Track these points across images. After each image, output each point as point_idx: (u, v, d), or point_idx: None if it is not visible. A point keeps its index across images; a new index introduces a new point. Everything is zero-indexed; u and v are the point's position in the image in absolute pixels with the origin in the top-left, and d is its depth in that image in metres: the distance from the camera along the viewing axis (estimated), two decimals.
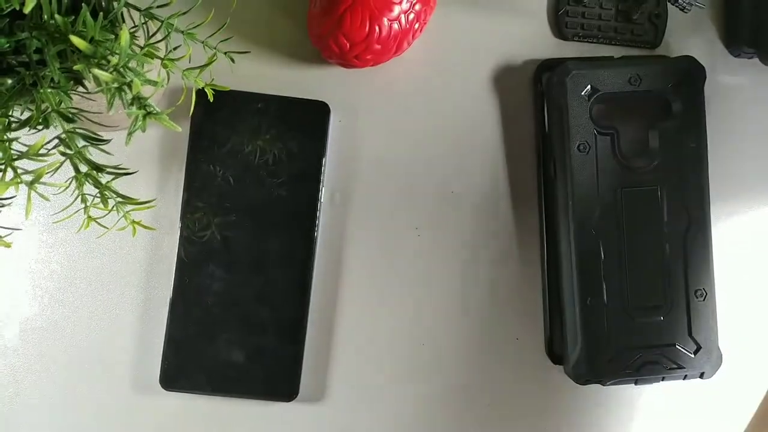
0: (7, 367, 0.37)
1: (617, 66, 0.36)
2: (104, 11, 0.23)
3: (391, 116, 0.38)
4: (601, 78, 0.35)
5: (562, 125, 0.35)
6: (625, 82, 0.35)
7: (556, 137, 0.36)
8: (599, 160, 0.35)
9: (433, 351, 0.37)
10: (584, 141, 0.35)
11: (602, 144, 0.35)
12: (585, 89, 0.35)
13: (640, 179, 0.35)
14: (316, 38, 0.35)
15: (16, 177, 0.23)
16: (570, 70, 0.35)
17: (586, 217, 0.34)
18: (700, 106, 0.36)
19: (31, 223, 0.37)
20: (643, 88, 0.35)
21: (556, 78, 0.36)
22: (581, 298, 0.34)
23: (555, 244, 0.36)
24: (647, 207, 0.35)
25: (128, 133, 0.24)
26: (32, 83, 0.23)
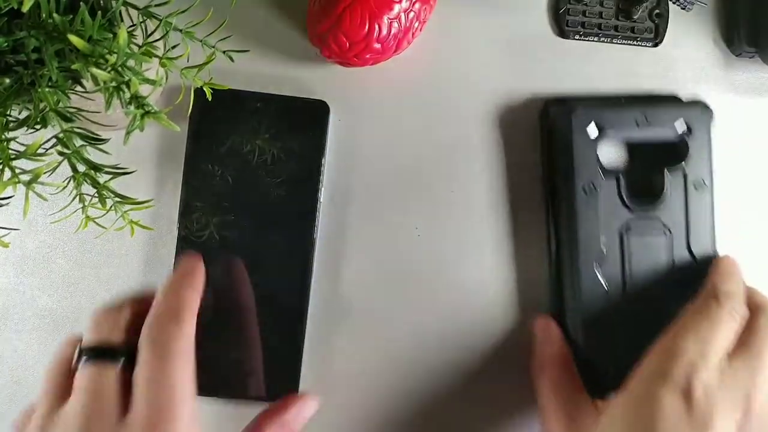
0: (7, 367, 0.37)
1: (624, 106, 0.35)
2: (102, 10, 0.23)
3: (390, 115, 0.38)
4: (608, 118, 0.35)
5: (567, 165, 0.34)
6: (632, 122, 0.35)
7: (560, 177, 0.35)
8: (604, 201, 0.34)
9: (435, 350, 0.37)
10: (589, 182, 0.34)
11: (607, 185, 0.34)
12: (590, 129, 0.34)
13: (646, 222, 0.34)
14: (315, 37, 0.34)
15: (14, 177, 0.23)
16: (575, 109, 0.35)
17: (589, 260, 0.34)
18: (708, 149, 0.35)
19: (29, 223, 0.37)
20: (650, 130, 0.35)
21: (561, 116, 0.35)
22: (586, 339, 0.34)
23: (560, 282, 0.36)
24: (653, 251, 0.34)
25: (126, 132, 0.24)
26: (30, 82, 0.23)
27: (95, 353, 0.28)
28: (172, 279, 0.31)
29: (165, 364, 0.27)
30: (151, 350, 0.27)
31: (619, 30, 0.38)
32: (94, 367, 0.27)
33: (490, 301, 0.37)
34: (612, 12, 0.38)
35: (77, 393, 0.27)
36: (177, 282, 0.30)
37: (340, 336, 0.37)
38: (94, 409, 0.26)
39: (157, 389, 0.26)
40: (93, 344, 0.28)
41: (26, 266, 0.37)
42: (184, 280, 0.31)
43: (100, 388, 0.26)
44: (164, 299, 0.29)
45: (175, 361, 0.27)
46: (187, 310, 0.29)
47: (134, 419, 0.26)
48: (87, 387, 0.27)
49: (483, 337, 0.37)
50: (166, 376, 0.26)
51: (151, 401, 0.26)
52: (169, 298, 0.29)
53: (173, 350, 0.27)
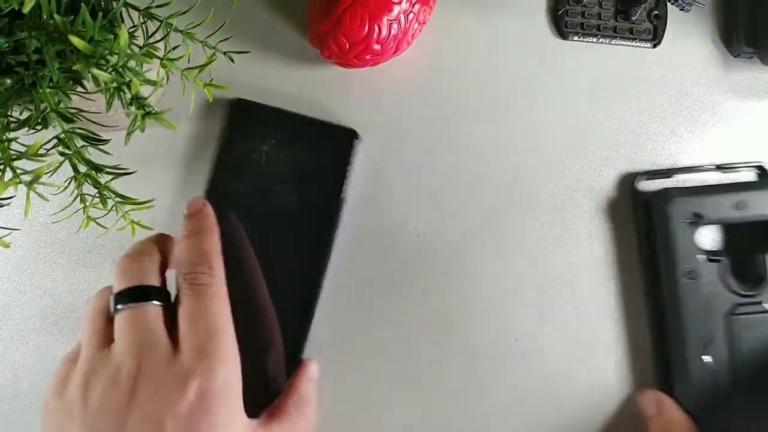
0: (7, 367, 0.37)
1: (721, 192, 0.35)
2: (103, 11, 0.23)
3: (390, 116, 0.38)
4: (705, 204, 0.35)
5: (668, 252, 0.35)
6: (730, 207, 0.35)
7: (662, 263, 0.35)
8: (707, 287, 0.34)
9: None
10: (692, 268, 0.34)
11: (709, 271, 0.34)
12: (688, 216, 0.34)
13: (751, 306, 0.34)
14: (315, 38, 0.35)
15: (15, 177, 0.23)
16: (671, 197, 0.35)
17: (697, 345, 0.34)
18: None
19: (30, 223, 0.37)
20: (751, 214, 0.35)
21: (657, 204, 0.35)
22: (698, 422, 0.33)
23: (667, 365, 0.35)
24: (760, 331, 0.34)
25: (127, 133, 0.24)
26: (31, 83, 0.23)
27: (131, 297, 0.28)
28: (187, 224, 0.31)
29: (206, 302, 0.28)
30: (190, 291, 0.28)
31: (618, 31, 0.38)
32: (133, 309, 0.28)
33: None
34: (611, 13, 0.39)
35: (122, 333, 0.27)
36: (191, 227, 0.31)
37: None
38: (143, 345, 0.27)
39: (203, 320, 0.27)
40: (126, 288, 0.28)
41: (27, 266, 0.37)
42: (200, 224, 0.31)
43: (145, 324, 0.27)
44: (188, 246, 0.30)
45: (215, 298, 0.28)
46: (214, 253, 0.30)
47: (184, 346, 0.27)
48: (131, 326, 0.27)
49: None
50: (210, 310, 0.28)
51: (199, 331, 0.27)
52: (194, 245, 0.30)
53: (210, 290, 0.28)
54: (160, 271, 0.30)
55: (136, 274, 0.28)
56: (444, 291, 0.37)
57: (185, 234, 0.31)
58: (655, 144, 0.38)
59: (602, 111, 0.38)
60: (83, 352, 0.28)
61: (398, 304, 0.37)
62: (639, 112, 0.38)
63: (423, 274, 0.37)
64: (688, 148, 0.38)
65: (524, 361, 0.36)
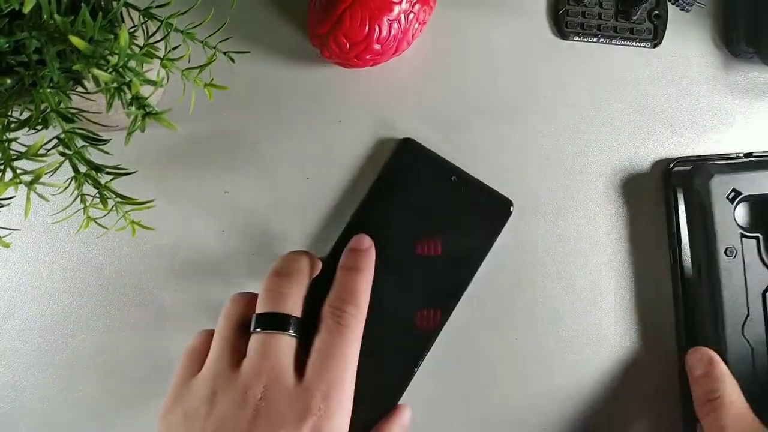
0: (7, 367, 0.37)
1: (759, 168, 0.35)
2: (103, 11, 0.23)
3: (390, 116, 0.38)
4: (745, 180, 0.35)
5: (707, 229, 0.35)
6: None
7: (699, 241, 0.35)
8: (746, 264, 0.34)
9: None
10: (731, 245, 0.34)
11: (748, 247, 0.34)
12: (729, 192, 0.35)
13: None
14: (315, 38, 0.35)
15: (16, 177, 0.23)
16: (712, 174, 0.35)
17: (737, 322, 0.34)
18: None
19: (30, 224, 0.37)
20: None
21: (697, 181, 0.35)
22: None
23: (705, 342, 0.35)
24: None
25: (127, 133, 0.24)
26: (31, 83, 0.23)
27: (270, 322, 0.29)
28: (349, 258, 0.33)
29: (342, 342, 0.29)
30: (332, 327, 0.29)
31: (618, 31, 0.38)
32: (270, 335, 0.29)
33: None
34: (611, 13, 0.39)
35: (255, 357, 0.28)
36: (353, 262, 0.32)
37: None
38: (274, 374, 0.28)
39: (334, 362, 0.29)
40: (269, 312, 0.29)
41: (27, 266, 0.37)
42: (361, 262, 0.32)
43: (278, 353, 0.28)
44: (345, 279, 0.31)
45: (351, 340, 0.29)
46: (364, 294, 0.31)
47: (310, 385, 0.28)
48: (265, 351, 0.28)
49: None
50: (342, 354, 0.29)
51: (328, 372, 0.28)
52: (350, 279, 0.31)
53: (350, 331, 0.30)
54: (305, 291, 0.31)
55: (280, 300, 0.30)
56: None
57: (343, 265, 0.32)
58: (656, 144, 0.38)
59: (602, 111, 0.38)
60: (213, 366, 0.29)
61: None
62: (639, 112, 0.38)
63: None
64: (688, 148, 0.38)
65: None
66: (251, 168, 0.37)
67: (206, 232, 0.37)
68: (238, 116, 0.38)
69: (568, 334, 0.37)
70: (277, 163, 0.37)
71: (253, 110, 0.38)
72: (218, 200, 0.37)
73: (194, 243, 0.37)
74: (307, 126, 0.38)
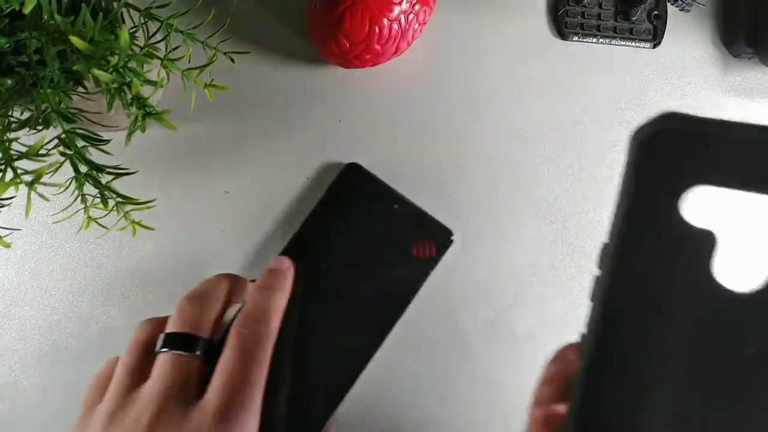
0: (7, 367, 0.37)
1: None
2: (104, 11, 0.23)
3: (390, 116, 0.38)
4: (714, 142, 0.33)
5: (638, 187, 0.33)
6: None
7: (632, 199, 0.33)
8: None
9: None
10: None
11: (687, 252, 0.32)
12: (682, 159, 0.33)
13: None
14: (316, 38, 0.35)
15: (16, 177, 0.23)
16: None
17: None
18: None
19: (31, 224, 0.37)
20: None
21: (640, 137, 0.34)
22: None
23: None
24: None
25: (128, 133, 0.24)
26: (32, 83, 0.23)
27: (177, 342, 0.29)
28: (265, 279, 0.32)
29: (247, 362, 0.28)
30: (237, 347, 0.29)
31: (618, 31, 0.38)
32: (177, 355, 0.28)
33: None
34: (610, 13, 0.39)
35: (157, 377, 0.28)
36: (269, 283, 0.32)
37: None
38: (171, 394, 0.27)
39: (236, 383, 0.28)
40: (178, 332, 0.29)
41: (27, 266, 0.37)
42: (277, 282, 0.32)
43: (180, 375, 0.28)
44: (257, 299, 0.31)
45: (257, 360, 0.29)
46: (276, 312, 0.31)
47: (207, 404, 0.27)
48: (168, 373, 0.28)
49: None
50: (246, 373, 0.28)
51: (227, 393, 0.27)
52: (261, 299, 0.31)
53: (257, 351, 0.29)
54: (218, 317, 0.30)
55: (190, 320, 0.29)
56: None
57: (258, 285, 0.32)
58: None
59: (602, 111, 0.38)
60: (112, 391, 0.28)
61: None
62: (639, 112, 0.38)
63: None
64: None
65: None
66: (251, 168, 0.37)
67: (206, 232, 0.37)
68: (238, 116, 0.38)
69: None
70: (277, 163, 0.37)
71: (253, 110, 0.38)
72: (218, 200, 0.37)
73: (194, 243, 0.37)
74: (307, 126, 0.38)
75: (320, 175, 0.38)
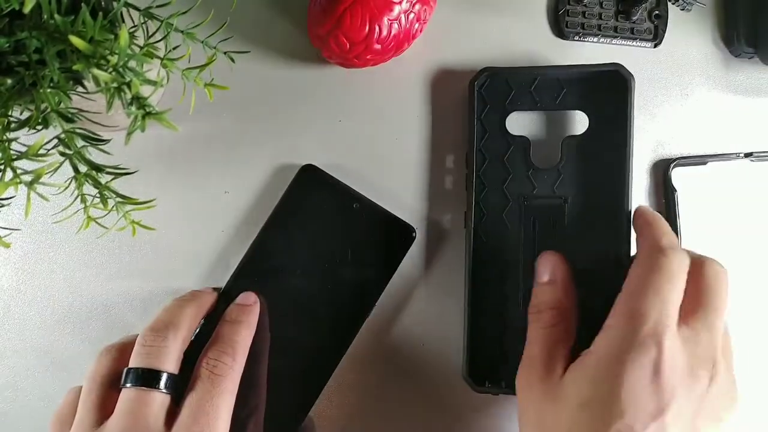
0: (7, 367, 0.37)
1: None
2: (104, 11, 0.23)
3: (390, 116, 0.38)
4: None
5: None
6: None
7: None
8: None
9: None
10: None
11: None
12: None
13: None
14: (316, 38, 0.35)
15: (16, 177, 0.23)
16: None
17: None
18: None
19: (31, 224, 0.37)
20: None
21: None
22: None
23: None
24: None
25: (128, 133, 0.24)
26: (32, 83, 0.23)
27: (141, 378, 0.28)
28: (233, 312, 0.33)
29: (214, 392, 0.28)
30: (205, 380, 0.29)
31: (619, 31, 0.38)
32: (139, 391, 0.28)
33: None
34: (611, 13, 0.39)
35: (121, 414, 0.27)
36: (237, 317, 0.32)
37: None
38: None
39: (202, 416, 0.28)
40: (141, 368, 0.29)
41: (27, 266, 0.37)
42: (244, 317, 0.32)
43: (145, 412, 0.27)
44: (225, 332, 0.31)
45: (224, 395, 0.29)
46: (242, 347, 0.31)
47: None
48: (131, 409, 0.27)
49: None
50: (214, 408, 0.28)
51: (197, 425, 0.27)
52: (229, 332, 0.31)
53: (224, 382, 0.29)
54: (183, 346, 0.30)
55: (154, 355, 0.29)
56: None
57: (225, 319, 0.32)
58: (657, 144, 0.38)
59: None
60: (76, 429, 0.28)
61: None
62: (639, 112, 0.38)
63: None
64: (688, 147, 0.38)
65: None
66: (251, 168, 0.37)
67: (206, 232, 0.37)
68: (238, 116, 0.38)
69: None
70: (277, 163, 0.37)
71: (253, 110, 0.38)
72: (218, 200, 0.37)
73: (194, 243, 0.37)
74: (307, 126, 0.38)
75: None
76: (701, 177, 0.38)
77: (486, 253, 0.36)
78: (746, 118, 0.39)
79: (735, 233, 0.38)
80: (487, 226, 0.36)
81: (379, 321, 0.37)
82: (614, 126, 0.35)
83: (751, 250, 0.38)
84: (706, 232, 0.38)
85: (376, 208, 0.36)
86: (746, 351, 0.37)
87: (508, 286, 0.36)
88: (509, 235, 0.36)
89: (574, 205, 0.35)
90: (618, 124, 0.35)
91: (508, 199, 0.36)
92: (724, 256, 0.38)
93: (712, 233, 0.38)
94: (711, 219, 0.38)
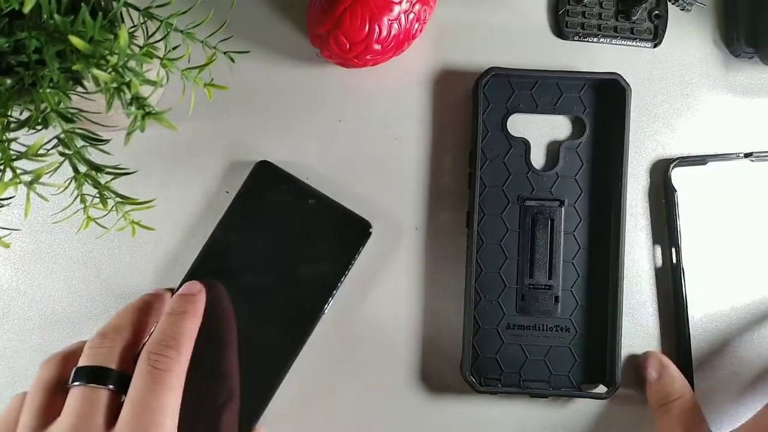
0: (7, 367, 0.37)
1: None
2: (103, 11, 0.23)
3: (390, 116, 0.38)
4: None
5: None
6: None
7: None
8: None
9: None
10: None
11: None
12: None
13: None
14: (316, 38, 0.35)
15: (15, 177, 0.23)
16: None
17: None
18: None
19: (30, 224, 0.37)
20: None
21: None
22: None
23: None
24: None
25: (127, 133, 0.24)
26: (31, 83, 0.23)
27: (87, 376, 0.28)
28: (174, 303, 0.32)
29: (157, 390, 0.27)
30: (146, 375, 0.28)
31: (619, 31, 0.38)
32: (85, 389, 0.27)
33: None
34: (611, 13, 0.39)
35: (67, 414, 0.27)
36: (179, 307, 0.31)
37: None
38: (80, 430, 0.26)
39: (145, 413, 0.27)
40: (88, 365, 0.28)
41: (27, 266, 0.37)
42: (187, 306, 0.32)
43: (90, 410, 0.27)
44: (166, 324, 0.30)
45: (168, 387, 0.27)
46: (187, 338, 0.30)
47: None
48: (78, 409, 0.27)
49: None
50: (156, 401, 0.27)
51: (140, 421, 0.26)
52: (170, 324, 0.30)
53: (167, 377, 0.28)
54: (132, 347, 0.29)
55: (100, 354, 0.28)
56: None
57: (168, 311, 0.31)
58: (657, 144, 0.38)
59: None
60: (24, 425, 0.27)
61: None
62: (639, 112, 0.38)
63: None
64: (688, 147, 0.38)
65: None
66: (251, 168, 0.37)
67: (206, 232, 0.37)
68: (238, 116, 0.38)
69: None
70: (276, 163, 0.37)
71: (253, 110, 0.38)
72: (218, 200, 0.37)
73: (194, 243, 0.37)
74: (307, 126, 0.38)
75: (319, 175, 0.38)
76: (701, 177, 0.38)
77: (486, 253, 0.36)
78: (746, 118, 0.39)
79: (735, 233, 0.38)
80: (486, 226, 0.36)
81: (378, 320, 0.37)
82: (611, 133, 0.37)
83: (751, 250, 0.38)
84: (706, 232, 0.38)
85: (332, 204, 0.36)
86: (746, 351, 0.37)
87: (507, 286, 0.36)
88: (508, 235, 0.37)
89: (571, 207, 0.37)
90: (614, 131, 0.36)
91: (507, 200, 0.37)
92: (724, 256, 0.38)
93: (712, 233, 0.38)
94: (711, 219, 0.38)
